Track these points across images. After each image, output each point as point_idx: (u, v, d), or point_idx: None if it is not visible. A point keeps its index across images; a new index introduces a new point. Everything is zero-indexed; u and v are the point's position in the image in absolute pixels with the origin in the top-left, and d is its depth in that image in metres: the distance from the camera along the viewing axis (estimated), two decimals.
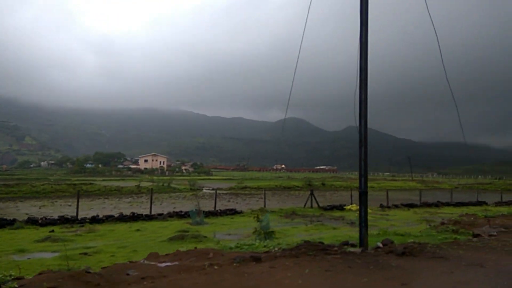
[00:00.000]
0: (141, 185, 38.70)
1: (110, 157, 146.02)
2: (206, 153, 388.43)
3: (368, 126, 8.04)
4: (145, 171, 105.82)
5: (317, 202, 20.93)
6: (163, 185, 39.38)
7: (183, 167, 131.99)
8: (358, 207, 14.78)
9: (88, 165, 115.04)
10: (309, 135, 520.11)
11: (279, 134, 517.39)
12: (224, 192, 39.74)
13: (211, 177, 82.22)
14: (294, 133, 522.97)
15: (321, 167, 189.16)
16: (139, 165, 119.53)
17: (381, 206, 22.94)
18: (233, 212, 18.92)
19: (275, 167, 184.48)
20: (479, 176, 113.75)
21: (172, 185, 40.86)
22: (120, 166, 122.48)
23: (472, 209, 23.67)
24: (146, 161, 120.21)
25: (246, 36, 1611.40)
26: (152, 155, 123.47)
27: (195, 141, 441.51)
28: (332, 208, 20.92)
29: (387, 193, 24.77)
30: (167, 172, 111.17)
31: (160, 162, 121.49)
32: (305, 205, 21.21)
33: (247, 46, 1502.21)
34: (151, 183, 40.41)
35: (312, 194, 21.51)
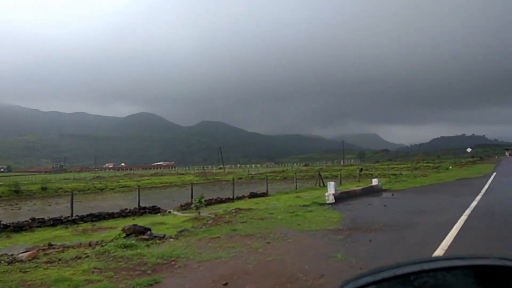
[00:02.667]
0: None
1: None
2: (37, 153, 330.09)
3: (220, 120, 3.17)
4: None
5: None
6: None
7: None
8: None
9: None
10: (163, 131, 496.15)
11: (129, 130, 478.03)
12: None
13: None
14: (147, 129, 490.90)
15: (159, 163, 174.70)
16: None
17: None
18: None
19: (104, 166, 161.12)
20: (309, 164, 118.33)
21: None
22: None
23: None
24: None
25: (80, 24, 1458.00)
26: None
27: (23, 139, 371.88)
28: None
29: None
30: None
31: None
32: None
33: (82, 35, 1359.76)
34: None
35: None
